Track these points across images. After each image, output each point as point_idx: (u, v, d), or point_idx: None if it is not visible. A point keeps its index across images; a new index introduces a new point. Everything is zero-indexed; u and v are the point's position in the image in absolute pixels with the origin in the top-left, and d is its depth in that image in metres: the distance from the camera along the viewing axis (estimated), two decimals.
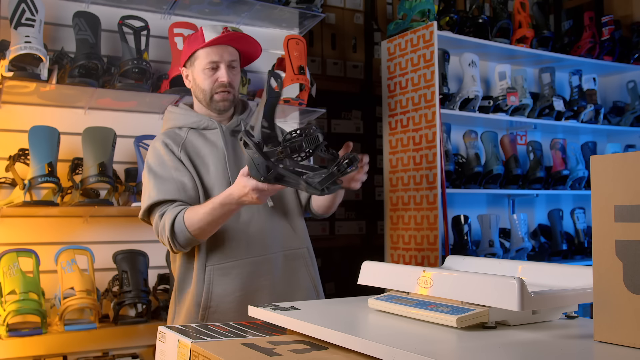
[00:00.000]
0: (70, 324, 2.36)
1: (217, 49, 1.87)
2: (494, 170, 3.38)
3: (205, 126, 1.91)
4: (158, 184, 1.79)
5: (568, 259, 3.66)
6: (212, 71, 1.87)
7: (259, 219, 1.86)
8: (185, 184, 1.80)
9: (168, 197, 1.77)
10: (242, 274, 1.83)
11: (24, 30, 2.33)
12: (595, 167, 0.94)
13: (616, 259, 0.89)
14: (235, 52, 1.92)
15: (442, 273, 1.14)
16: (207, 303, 1.81)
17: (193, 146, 1.88)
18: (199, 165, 1.86)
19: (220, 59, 1.87)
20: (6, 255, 2.31)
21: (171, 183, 1.79)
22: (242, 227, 1.84)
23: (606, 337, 0.91)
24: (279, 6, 2.87)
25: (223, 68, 1.87)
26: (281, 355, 1.03)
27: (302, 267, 1.94)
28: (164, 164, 1.83)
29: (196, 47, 1.88)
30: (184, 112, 1.95)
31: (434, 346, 0.97)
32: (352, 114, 4.04)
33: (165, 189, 1.78)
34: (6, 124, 2.53)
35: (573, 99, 3.81)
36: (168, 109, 2.00)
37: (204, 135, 1.91)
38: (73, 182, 2.46)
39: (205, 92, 1.89)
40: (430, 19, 3.25)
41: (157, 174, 1.81)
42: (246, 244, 1.84)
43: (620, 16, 4.23)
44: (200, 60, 1.88)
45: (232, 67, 1.90)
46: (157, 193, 1.78)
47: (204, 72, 1.88)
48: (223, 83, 1.87)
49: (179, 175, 1.81)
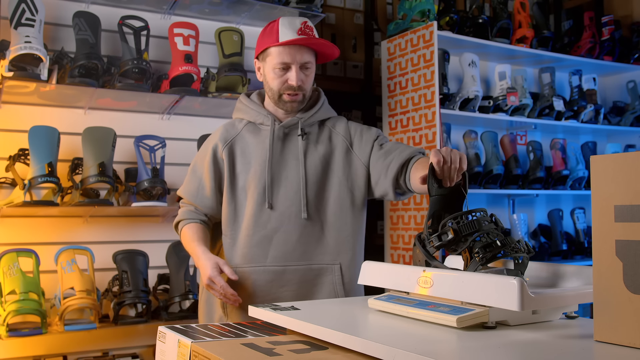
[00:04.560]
0: (70, 324, 2.36)
1: (289, 49, 1.78)
2: (494, 170, 3.38)
3: (262, 122, 1.88)
4: (188, 179, 1.93)
5: (568, 259, 3.66)
6: (282, 71, 1.80)
7: (288, 228, 1.80)
8: (205, 191, 1.88)
9: (186, 197, 1.92)
10: (260, 281, 1.80)
11: (24, 30, 2.33)
12: (595, 167, 0.93)
13: (616, 259, 0.89)
14: (310, 53, 1.82)
15: (442, 273, 1.14)
16: (224, 304, 1.81)
17: (243, 142, 1.87)
18: (239, 164, 1.85)
19: (292, 61, 1.78)
20: (6, 255, 2.31)
21: (195, 186, 1.90)
22: (269, 234, 1.80)
23: (606, 337, 0.91)
24: (279, 6, 2.87)
25: (294, 70, 1.79)
26: (281, 355, 1.03)
27: (329, 284, 1.83)
28: (202, 161, 1.90)
29: (269, 43, 1.79)
30: (249, 105, 1.91)
31: (434, 346, 0.97)
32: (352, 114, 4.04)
33: (188, 189, 1.92)
34: (6, 124, 2.53)
35: (573, 99, 3.81)
36: (239, 98, 1.97)
37: (258, 130, 1.88)
38: (73, 182, 2.46)
39: (274, 92, 1.83)
40: (430, 19, 3.25)
41: (194, 168, 1.93)
42: (269, 252, 1.80)
43: (620, 16, 4.23)
44: (272, 57, 1.80)
45: (306, 68, 1.82)
46: (183, 187, 1.94)
47: (274, 71, 1.80)
48: (292, 86, 1.80)
49: (205, 180, 1.88)
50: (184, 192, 1.93)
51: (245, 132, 1.88)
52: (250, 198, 1.82)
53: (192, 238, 1.85)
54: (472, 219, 1.23)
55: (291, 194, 1.81)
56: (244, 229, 1.82)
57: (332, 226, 1.84)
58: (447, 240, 1.22)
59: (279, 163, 1.84)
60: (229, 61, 2.77)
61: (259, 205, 1.81)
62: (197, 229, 1.87)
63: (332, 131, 1.91)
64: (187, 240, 1.86)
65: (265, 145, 1.84)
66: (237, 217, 1.84)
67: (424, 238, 1.29)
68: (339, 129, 1.91)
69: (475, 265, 1.18)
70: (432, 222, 1.31)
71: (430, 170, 1.37)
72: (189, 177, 1.94)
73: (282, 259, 1.80)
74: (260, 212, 1.81)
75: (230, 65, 2.74)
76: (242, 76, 2.75)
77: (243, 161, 1.85)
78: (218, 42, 2.79)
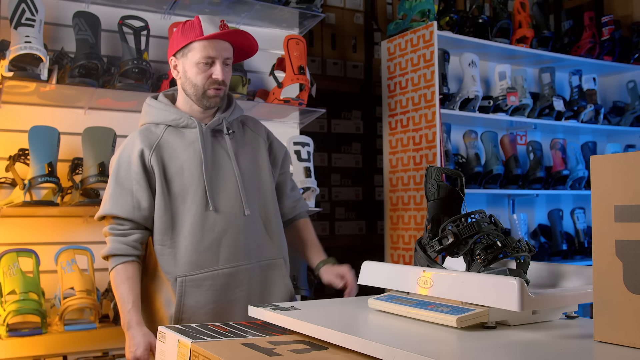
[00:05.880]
0: (70, 324, 2.36)
1: (214, 43, 1.78)
2: (494, 170, 3.38)
3: (185, 124, 1.82)
4: (116, 195, 1.77)
5: (568, 259, 3.66)
6: (206, 66, 1.79)
7: (235, 228, 1.78)
8: (141, 203, 1.76)
9: (122, 214, 1.76)
10: (215, 286, 1.76)
11: (24, 30, 2.33)
12: (595, 167, 0.93)
13: (616, 259, 0.89)
14: (231, 49, 1.84)
15: (442, 273, 1.14)
16: (179, 315, 1.75)
17: (169, 146, 1.80)
18: (171, 170, 1.78)
19: (217, 55, 1.79)
20: (6, 255, 2.31)
21: (128, 198, 1.77)
22: (217, 237, 1.77)
23: (606, 337, 0.91)
24: (279, 6, 2.87)
25: (218, 64, 1.79)
26: (281, 355, 1.03)
27: (279, 277, 1.86)
28: (129, 172, 1.77)
29: (193, 38, 1.78)
30: (163, 108, 1.85)
31: (434, 346, 0.97)
32: (352, 114, 4.04)
33: (121, 204, 1.76)
34: (6, 124, 2.53)
35: (573, 99, 3.81)
36: (147, 101, 1.90)
37: (182, 133, 1.82)
38: (73, 182, 2.46)
39: (197, 87, 1.80)
40: (430, 19, 3.25)
41: (119, 181, 1.78)
42: (220, 255, 1.77)
43: (620, 16, 4.23)
44: (195, 53, 1.78)
45: (226, 65, 1.83)
46: (112, 205, 1.77)
47: (197, 66, 1.78)
48: (217, 80, 1.79)
49: (138, 191, 1.76)
50: (117, 210, 1.76)
51: (168, 135, 1.81)
52: (191, 203, 1.77)
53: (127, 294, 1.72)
54: (472, 221, 1.23)
55: (231, 193, 1.81)
56: (187, 236, 1.75)
57: (271, 220, 1.88)
58: (447, 244, 1.22)
59: (213, 164, 1.81)
60: None
61: (202, 208, 1.77)
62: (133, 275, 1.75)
63: (253, 132, 1.97)
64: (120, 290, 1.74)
65: (194, 147, 1.80)
66: (175, 224, 1.76)
67: (425, 243, 1.29)
68: (259, 131, 1.99)
69: (477, 267, 1.18)
70: (431, 226, 1.31)
71: (427, 173, 1.37)
72: (116, 192, 1.77)
73: (234, 260, 1.78)
74: (205, 215, 1.76)
75: None
76: (242, 76, 2.75)
77: (174, 166, 1.78)
78: None
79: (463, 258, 1.24)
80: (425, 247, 1.28)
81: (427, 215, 1.34)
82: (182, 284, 1.74)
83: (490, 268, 1.20)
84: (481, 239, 1.20)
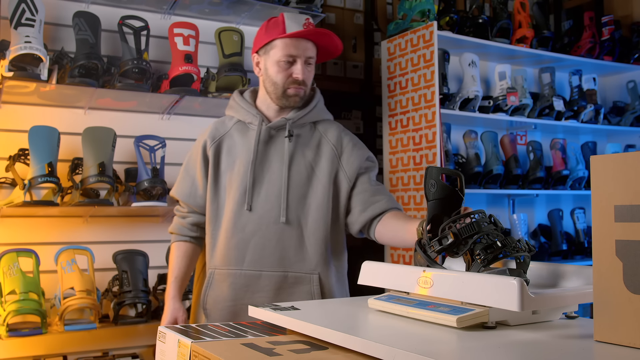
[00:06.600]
0: (70, 324, 2.36)
1: (296, 42, 1.75)
2: (494, 170, 3.38)
3: (250, 121, 1.84)
4: (181, 179, 1.91)
5: (568, 259, 3.66)
6: (287, 64, 1.76)
7: (266, 233, 1.76)
8: (198, 191, 1.86)
9: (181, 197, 1.89)
10: (236, 285, 1.78)
11: (24, 30, 2.33)
12: (595, 167, 0.93)
13: (616, 259, 0.89)
14: (314, 48, 1.80)
15: (442, 273, 1.14)
16: (204, 305, 1.80)
17: (230, 141, 1.84)
18: (225, 163, 1.82)
19: (298, 54, 1.76)
20: (6, 255, 2.31)
21: (188, 185, 1.88)
22: (246, 237, 1.77)
23: (606, 337, 0.91)
24: (279, 6, 2.87)
25: (300, 64, 1.76)
26: (281, 355, 1.03)
27: (307, 294, 1.77)
28: (194, 160, 1.88)
29: (275, 35, 1.76)
30: (239, 103, 1.88)
31: (434, 346, 0.97)
32: (352, 114, 4.04)
33: (181, 189, 1.89)
34: (6, 124, 2.53)
35: (573, 99, 3.81)
36: (233, 95, 1.93)
37: (247, 129, 1.85)
38: (73, 182, 2.46)
39: (277, 86, 1.79)
40: (430, 19, 3.25)
41: (187, 167, 1.91)
42: (245, 256, 1.77)
43: (620, 16, 4.23)
44: (277, 50, 1.76)
45: (309, 64, 1.80)
46: (176, 188, 1.92)
47: (278, 65, 1.77)
48: (297, 80, 1.77)
49: (197, 179, 1.87)
50: (177, 193, 1.90)
51: (234, 130, 1.85)
52: (231, 198, 1.79)
53: (172, 268, 1.86)
54: (471, 220, 1.23)
55: (272, 197, 1.77)
56: (223, 230, 1.79)
57: (312, 234, 1.77)
58: (447, 244, 1.22)
59: (263, 164, 1.80)
60: (229, 61, 2.77)
61: (239, 206, 1.78)
62: (182, 253, 1.88)
63: (323, 137, 1.86)
64: (171, 265, 1.89)
65: (250, 145, 1.81)
66: (218, 217, 1.81)
67: (425, 243, 1.29)
68: (331, 136, 1.86)
69: (477, 267, 1.18)
70: (431, 226, 1.31)
71: (426, 173, 1.37)
72: (181, 177, 1.91)
73: (259, 264, 1.76)
74: (240, 213, 1.77)
75: (230, 65, 2.74)
76: (242, 76, 2.75)
77: (228, 160, 1.82)
78: (218, 42, 2.79)
79: (463, 258, 1.24)
80: (425, 247, 1.28)
81: (427, 215, 1.34)
82: (210, 275, 1.81)
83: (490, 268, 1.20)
84: (481, 239, 1.20)
